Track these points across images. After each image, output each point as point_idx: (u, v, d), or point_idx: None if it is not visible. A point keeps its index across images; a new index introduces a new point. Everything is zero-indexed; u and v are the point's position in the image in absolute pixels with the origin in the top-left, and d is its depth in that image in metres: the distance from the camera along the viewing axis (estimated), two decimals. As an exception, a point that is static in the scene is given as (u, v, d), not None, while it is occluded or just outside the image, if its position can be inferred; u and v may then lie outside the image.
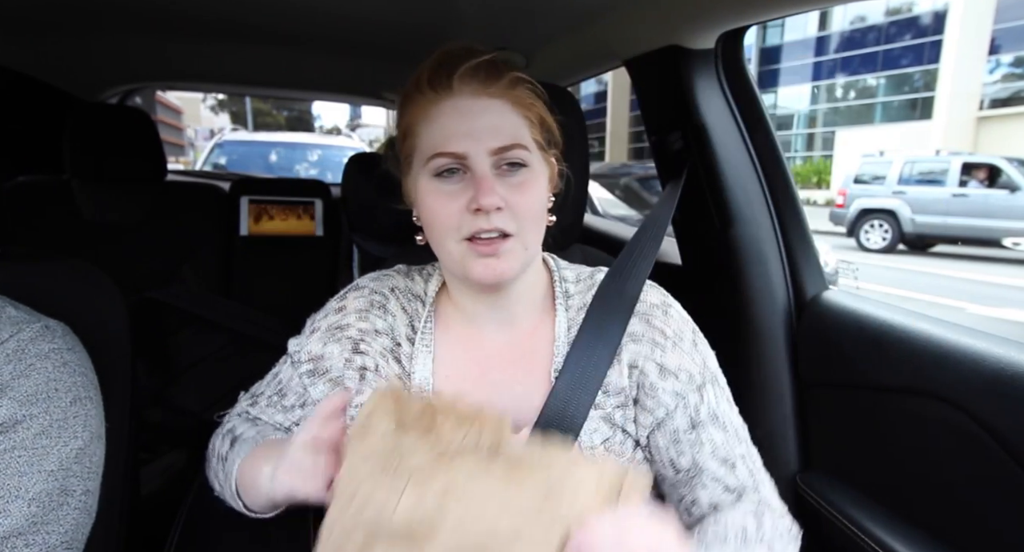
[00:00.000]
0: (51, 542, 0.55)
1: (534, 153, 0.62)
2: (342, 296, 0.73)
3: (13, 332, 0.58)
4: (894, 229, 9.55)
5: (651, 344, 0.67)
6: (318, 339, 0.71)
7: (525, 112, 0.62)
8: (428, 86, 0.60)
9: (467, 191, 0.59)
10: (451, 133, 0.59)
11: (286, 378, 0.73)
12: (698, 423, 0.65)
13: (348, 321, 0.70)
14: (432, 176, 0.61)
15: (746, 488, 0.65)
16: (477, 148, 0.58)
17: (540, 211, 0.63)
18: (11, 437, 0.55)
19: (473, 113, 0.59)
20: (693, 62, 1.03)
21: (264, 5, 1.26)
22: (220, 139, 4.50)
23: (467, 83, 0.59)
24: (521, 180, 0.61)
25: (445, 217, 0.60)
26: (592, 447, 0.65)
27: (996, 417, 0.71)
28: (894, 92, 24.66)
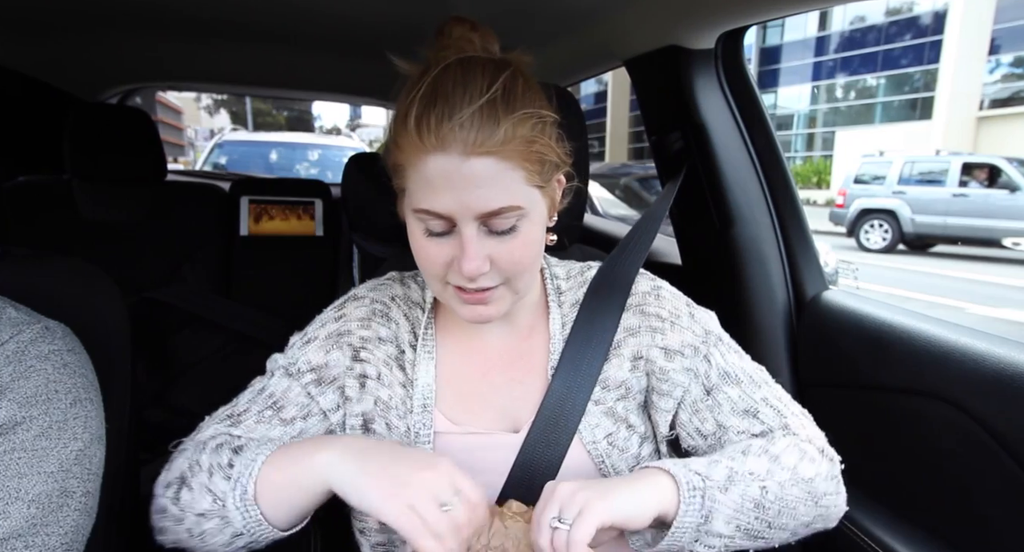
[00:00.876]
0: (51, 544, 0.55)
1: (531, 201, 0.57)
2: (340, 306, 0.72)
3: (13, 333, 0.58)
4: (894, 229, 9.55)
5: (650, 332, 0.68)
6: (318, 348, 0.68)
7: (520, 162, 0.55)
8: (417, 135, 0.53)
9: (453, 248, 0.57)
10: (438, 193, 0.54)
11: (281, 390, 0.67)
12: (712, 387, 0.67)
13: (349, 328, 0.69)
14: (422, 230, 0.58)
15: (773, 428, 0.65)
16: (464, 212, 0.54)
17: (534, 256, 0.60)
18: (11, 439, 0.54)
19: (461, 175, 0.53)
20: (693, 62, 1.03)
21: (264, 5, 1.26)
22: (220, 139, 4.50)
23: (458, 138, 0.52)
24: (512, 236, 0.57)
25: (428, 262, 0.59)
26: (595, 442, 0.66)
27: (996, 417, 0.71)
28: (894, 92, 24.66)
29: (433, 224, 0.56)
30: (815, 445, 0.64)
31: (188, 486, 0.59)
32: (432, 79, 0.54)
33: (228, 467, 0.58)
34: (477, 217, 0.55)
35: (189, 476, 0.60)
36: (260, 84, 2.25)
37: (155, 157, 1.66)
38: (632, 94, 2.23)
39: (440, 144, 0.53)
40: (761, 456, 0.60)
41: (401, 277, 0.75)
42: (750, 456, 0.59)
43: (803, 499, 0.59)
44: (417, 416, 0.66)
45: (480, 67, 0.55)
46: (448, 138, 0.52)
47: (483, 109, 0.53)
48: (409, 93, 0.56)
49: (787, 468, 0.59)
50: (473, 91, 0.53)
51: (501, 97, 0.54)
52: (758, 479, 0.57)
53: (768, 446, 0.61)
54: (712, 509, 0.54)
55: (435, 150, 0.53)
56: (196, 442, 0.64)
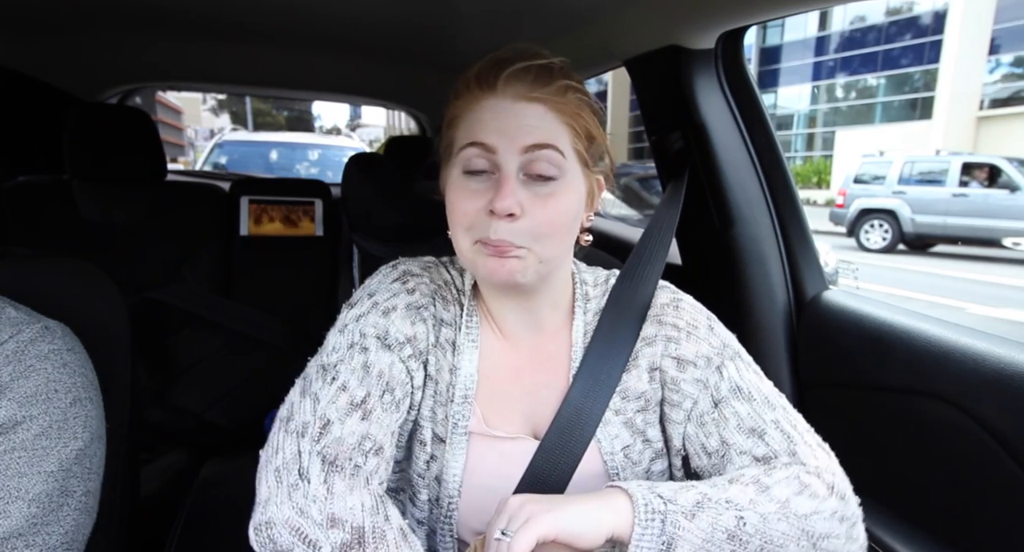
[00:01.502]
0: (51, 543, 0.55)
1: (570, 162, 0.60)
2: (403, 279, 0.68)
3: (13, 333, 0.58)
4: (894, 229, 9.55)
5: (664, 341, 0.68)
6: (403, 318, 0.64)
7: (568, 120, 0.60)
8: (475, 83, 0.60)
9: (489, 192, 0.58)
10: (486, 127, 0.58)
11: (386, 365, 0.60)
12: (720, 400, 0.64)
13: (424, 302, 0.67)
14: (462, 172, 0.60)
15: (779, 453, 0.60)
16: (508, 145, 0.57)
17: (565, 225, 0.61)
18: (11, 438, 0.55)
19: (512, 112, 0.58)
20: (693, 62, 1.03)
21: (264, 5, 1.26)
22: (220, 139, 4.50)
23: (512, 84, 0.58)
24: (548, 192, 0.58)
25: (461, 214, 0.60)
26: (613, 453, 0.65)
27: (996, 417, 0.71)
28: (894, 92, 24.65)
29: (476, 160, 0.59)
30: (823, 480, 0.57)
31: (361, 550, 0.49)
32: (497, 51, 0.61)
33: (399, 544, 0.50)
34: (520, 150, 0.58)
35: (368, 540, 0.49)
36: (260, 84, 2.25)
37: (155, 157, 1.66)
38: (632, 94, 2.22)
39: (495, 90, 0.58)
40: (748, 486, 0.55)
41: (442, 263, 0.74)
42: (735, 485, 0.55)
43: (793, 537, 0.52)
44: (458, 406, 0.65)
45: (543, 52, 0.62)
46: (507, 85, 0.58)
47: (539, 67, 0.59)
48: (474, 66, 0.62)
49: (776, 501, 0.53)
50: (536, 58, 0.60)
51: (558, 67, 0.60)
52: (735, 508, 0.52)
53: (761, 476, 0.56)
54: (675, 536, 0.50)
55: (489, 95, 0.59)
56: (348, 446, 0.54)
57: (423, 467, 0.65)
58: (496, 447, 0.65)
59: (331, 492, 0.50)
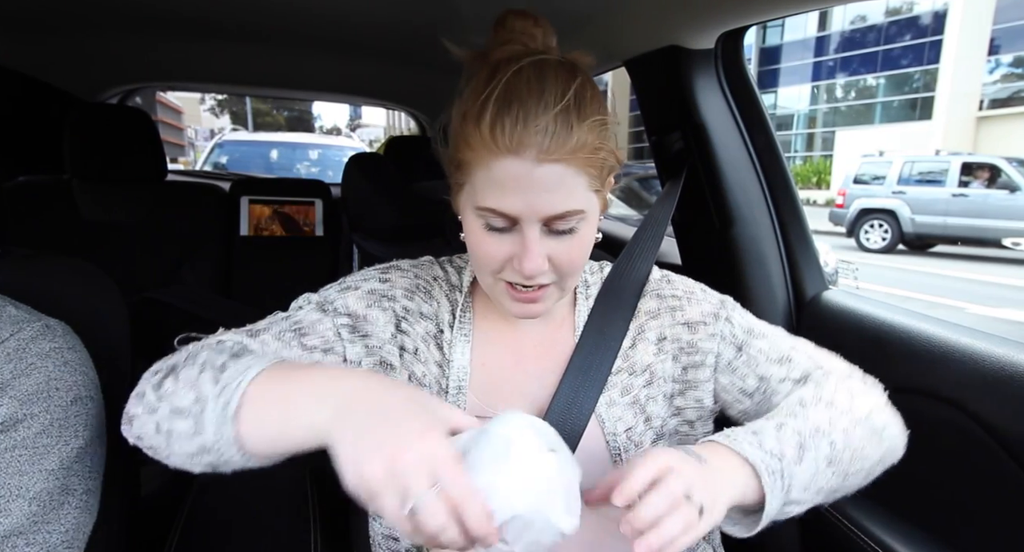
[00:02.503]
0: (52, 541, 0.55)
1: (590, 204, 0.58)
2: (385, 270, 0.71)
3: (14, 331, 0.58)
4: (894, 229, 9.55)
5: (670, 311, 0.71)
6: (358, 298, 0.66)
7: (587, 167, 0.56)
8: (490, 134, 0.54)
9: (513, 246, 0.57)
10: (506, 194, 0.55)
11: (309, 320, 0.64)
12: (741, 344, 0.69)
13: (395, 294, 0.68)
14: (483, 225, 0.58)
15: (810, 371, 0.67)
16: (530, 213, 0.55)
17: (585, 257, 0.61)
18: (12, 436, 0.55)
19: (532, 179, 0.54)
20: (693, 62, 1.03)
21: (264, 6, 1.26)
22: (220, 139, 4.50)
23: (533, 143, 0.53)
24: (571, 236, 0.58)
25: (486, 257, 0.59)
26: (615, 434, 0.67)
27: (996, 417, 0.71)
28: (894, 92, 24.65)
29: (496, 221, 0.57)
30: (855, 378, 0.67)
31: (175, 375, 0.54)
32: (506, 81, 0.54)
33: (220, 369, 0.52)
34: (541, 219, 0.56)
35: (180, 366, 0.55)
36: (260, 84, 2.25)
37: (155, 157, 1.66)
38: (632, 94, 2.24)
39: (514, 148, 0.53)
40: (818, 406, 0.60)
41: (438, 261, 0.75)
42: (809, 409, 0.59)
43: (868, 438, 0.60)
44: (452, 397, 0.66)
45: (553, 72, 0.56)
46: (523, 143, 0.53)
47: (558, 116, 0.53)
48: (480, 93, 0.55)
49: (844, 412, 0.60)
50: (548, 97, 0.54)
51: (574, 103, 0.55)
52: (824, 434, 0.57)
53: (820, 393, 0.62)
54: (791, 485, 0.54)
55: (508, 153, 0.54)
56: (204, 340, 0.61)
57: None
58: None
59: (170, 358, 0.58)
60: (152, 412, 0.53)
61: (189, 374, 0.53)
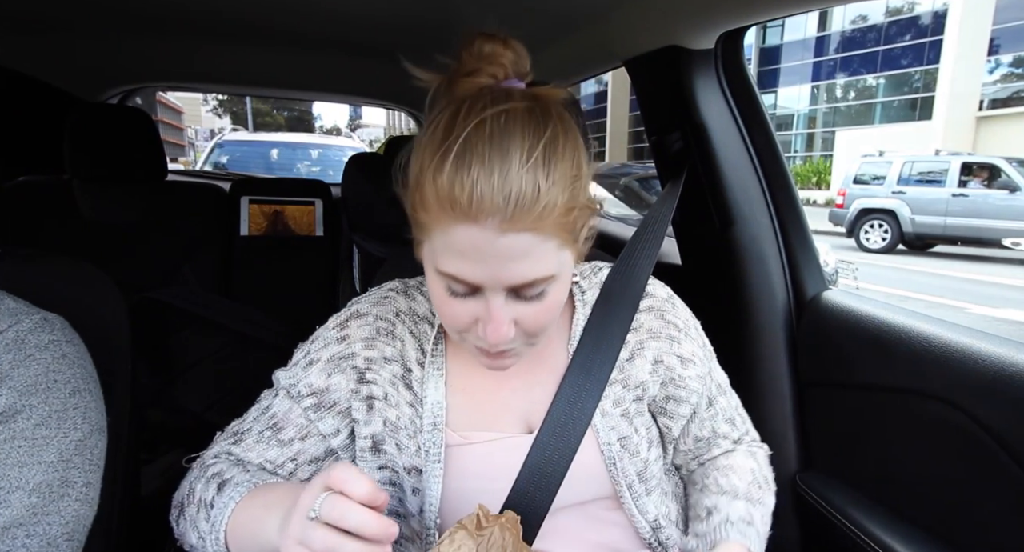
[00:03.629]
0: (52, 533, 0.55)
1: (561, 265, 0.54)
2: (342, 325, 0.68)
3: (12, 322, 0.58)
4: (894, 229, 9.55)
5: (669, 339, 0.70)
6: (320, 371, 0.66)
7: (558, 231, 0.51)
8: (447, 196, 0.48)
9: (478, 309, 0.54)
10: (466, 262, 0.50)
11: (282, 411, 0.67)
12: (712, 398, 0.74)
13: (353, 350, 0.66)
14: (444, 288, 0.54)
15: (743, 434, 0.77)
16: (494, 283, 0.51)
17: (556, 314, 0.58)
18: (11, 427, 0.55)
19: (494, 250, 0.49)
20: (693, 62, 1.03)
21: (265, 5, 1.26)
22: (220, 139, 4.50)
23: (495, 212, 0.47)
24: (539, 302, 0.54)
25: (450, 318, 0.57)
26: (610, 444, 0.66)
27: (996, 417, 0.71)
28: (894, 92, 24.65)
29: (458, 287, 0.53)
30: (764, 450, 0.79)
31: (184, 515, 0.64)
32: (465, 136, 0.48)
33: (209, 507, 0.60)
34: (506, 288, 0.52)
35: (185, 504, 0.64)
36: (261, 84, 2.25)
37: (155, 157, 1.66)
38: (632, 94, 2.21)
39: (474, 216, 0.47)
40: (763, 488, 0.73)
41: (405, 288, 0.72)
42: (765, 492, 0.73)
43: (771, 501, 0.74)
44: (427, 434, 0.64)
45: (520, 124, 0.49)
46: (482, 210, 0.47)
47: (523, 177, 0.47)
48: (439, 143, 0.49)
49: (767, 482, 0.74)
50: (513, 156, 0.47)
51: (543, 161, 0.48)
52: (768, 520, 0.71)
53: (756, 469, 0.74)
54: None
55: (467, 220, 0.48)
56: (201, 462, 0.68)
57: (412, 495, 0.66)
58: (485, 449, 0.65)
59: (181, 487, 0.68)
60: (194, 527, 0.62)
61: (190, 514, 0.62)
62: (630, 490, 0.67)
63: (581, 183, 0.52)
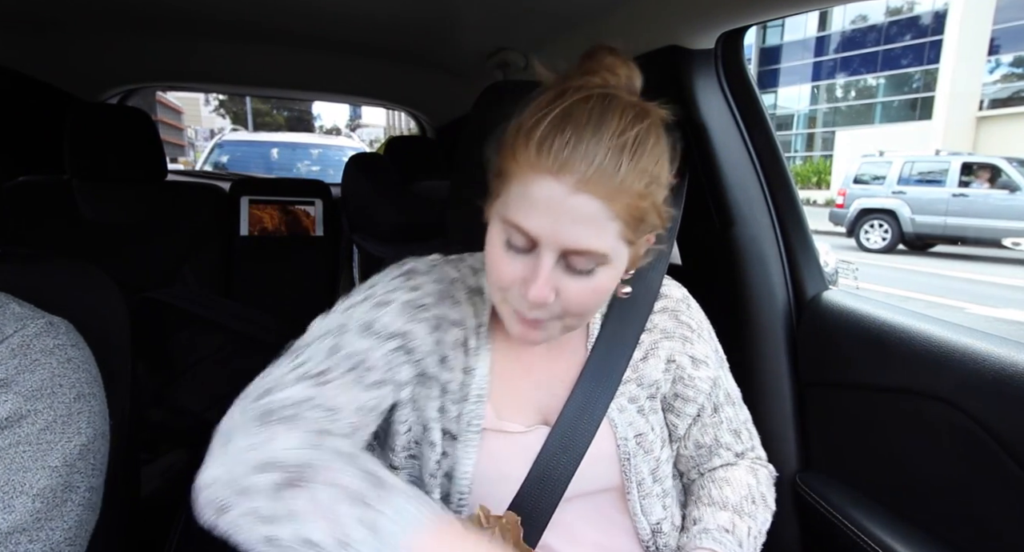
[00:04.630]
0: (55, 538, 0.55)
1: (613, 252, 0.56)
2: (408, 275, 0.66)
3: (18, 327, 0.58)
4: (894, 229, 9.55)
5: (682, 339, 0.72)
6: (397, 313, 0.62)
7: (625, 214, 0.53)
8: (536, 149, 0.52)
9: (526, 269, 0.56)
10: (534, 213, 0.53)
11: (362, 349, 0.59)
12: (719, 405, 0.73)
13: (427, 302, 0.64)
14: (503, 240, 0.57)
15: (747, 449, 0.76)
16: (550, 240, 0.53)
17: (598, 302, 0.59)
18: (16, 432, 0.55)
19: (564, 205, 0.52)
20: (693, 62, 1.03)
21: (264, 5, 1.26)
22: (220, 139, 4.50)
23: (575, 169, 0.51)
24: (587, 276, 0.56)
25: (496, 276, 0.58)
26: (626, 439, 0.67)
27: (996, 417, 0.71)
28: (894, 92, 24.66)
29: (517, 239, 0.55)
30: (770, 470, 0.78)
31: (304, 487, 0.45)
32: (568, 104, 0.53)
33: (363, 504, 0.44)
34: (560, 248, 0.54)
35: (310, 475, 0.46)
36: (260, 84, 2.26)
37: (155, 157, 1.66)
38: (632, 94, 2.21)
39: (555, 169, 0.51)
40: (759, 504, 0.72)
41: (448, 261, 0.72)
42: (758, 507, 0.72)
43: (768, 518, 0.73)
44: (472, 405, 0.65)
45: (620, 109, 0.54)
46: (566, 167, 0.51)
47: (609, 150, 0.51)
48: (540, 108, 0.54)
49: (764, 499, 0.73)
50: (606, 130, 0.52)
51: (630, 145, 0.52)
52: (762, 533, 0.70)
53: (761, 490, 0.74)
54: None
55: (548, 173, 0.52)
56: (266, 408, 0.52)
57: (434, 466, 0.65)
58: (508, 440, 0.66)
59: (266, 438, 0.48)
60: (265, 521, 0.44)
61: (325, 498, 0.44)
62: (639, 487, 0.68)
63: (658, 188, 0.56)
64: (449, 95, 2.02)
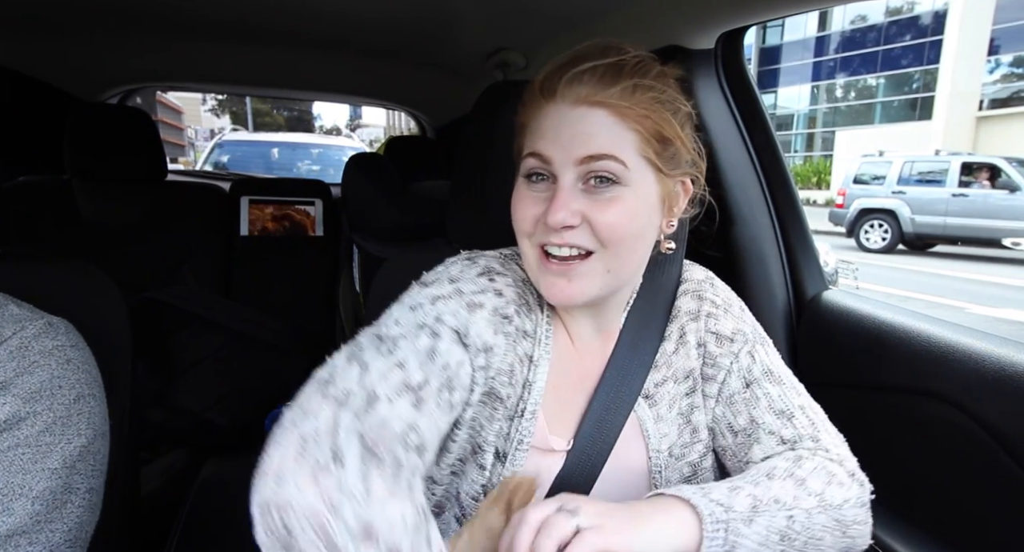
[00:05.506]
0: (55, 540, 0.55)
1: (635, 170, 0.55)
2: (488, 274, 0.61)
3: (16, 329, 0.58)
4: (894, 229, 9.55)
5: (706, 317, 0.68)
6: (487, 322, 0.57)
7: (633, 124, 0.54)
8: (539, 88, 0.57)
9: (548, 201, 0.56)
10: (544, 136, 0.56)
11: (455, 362, 0.54)
12: (752, 381, 0.65)
13: (510, 313, 0.59)
14: (524, 177, 0.59)
15: (803, 437, 0.61)
16: (564, 156, 0.54)
17: (631, 233, 0.57)
18: (15, 434, 0.55)
19: (569, 120, 0.54)
20: (693, 62, 1.03)
21: (264, 5, 1.26)
22: (220, 139, 4.50)
23: (573, 88, 0.54)
24: (610, 196, 0.55)
25: (521, 220, 0.58)
26: (659, 451, 0.64)
27: (996, 417, 0.71)
28: (894, 92, 24.65)
29: (534, 166, 0.57)
30: (846, 468, 0.60)
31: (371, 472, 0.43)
32: (575, 50, 0.57)
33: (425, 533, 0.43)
34: (576, 161, 0.55)
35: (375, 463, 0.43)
36: (261, 84, 2.26)
37: (155, 157, 1.66)
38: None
39: (554, 97, 0.55)
40: (787, 480, 0.55)
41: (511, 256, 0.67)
42: (775, 480, 0.55)
43: (831, 528, 0.55)
44: (526, 422, 0.60)
45: (622, 47, 0.57)
46: (565, 90, 0.55)
47: (606, 67, 0.54)
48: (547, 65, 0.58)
49: (815, 494, 0.55)
50: (604, 56, 0.55)
51: (630, 65, 0.55)
52: (784, 508, 0.53)
53: (794, 469, 0.57)
54: (735, 543, 0.50)
55: (551, 101, 0.55)
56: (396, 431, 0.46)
57: (479, 490, 0.60)
58: (549, 457, 0.62)
59: (369, 492, 0.41)
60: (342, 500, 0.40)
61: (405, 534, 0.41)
62: None
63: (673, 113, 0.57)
64: (449, 95, 2.02)
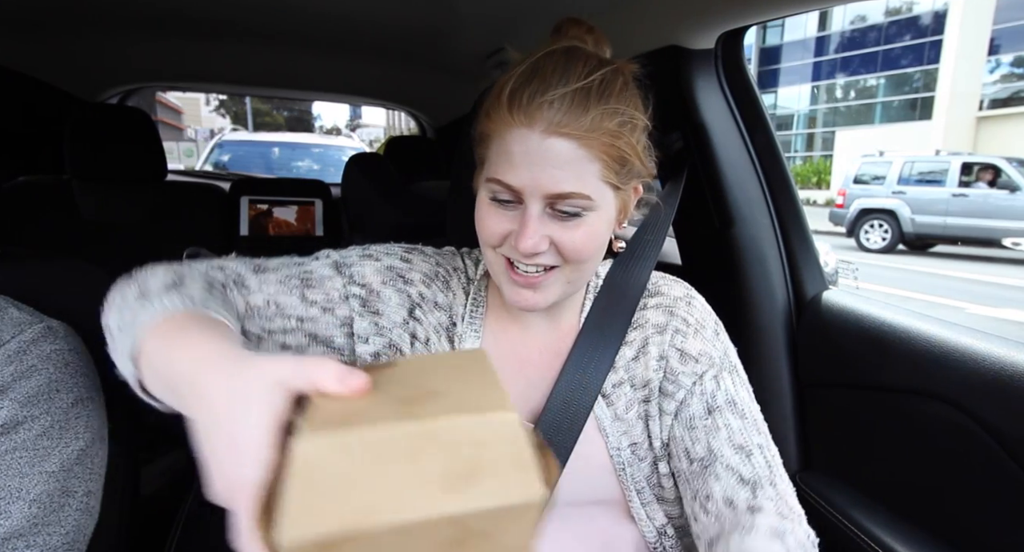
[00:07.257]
0: (52, 543, 0.55)
1: (599, 195, 0.57)
2: (409, 250, 0.70)
3: (15, 333, 0.58)
4: (894, 229, 9.55)
5: (673, 332, 0.67)
6: (375, 271, 0.65)
7: (599, 153, 0.55)
8: (507, 106, 0.55)
9: (514, 223, 0.57)
10: (513, 164, 0.55)
11: (322, 275, 0.64)
12: (714, 408, 0.63)
13: (413, 277, 0.67)
14: (489, 197, 0.59)
15: (761, 479, 0.60)
16: (533, 188, 0.55)
17: (595, 248, 0.60)
18: (12, 438, 0.55)
19: (539, 152, 0.54)
20: (693, 62, 1.03)
21: (264, 5, 1.26)
22: (220, 139, 4.50)
23: (543, 114, 0.53)
24: (576, 222, 0.57)
25: (489, 235, 0.59)
26: (620, 449, 0.65)
27: (996, 417, 0.71)
28: (894, 92, 24.66)
29: (501, 193, 0.57)
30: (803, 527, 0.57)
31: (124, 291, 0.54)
32: (535, 60, 0.56)
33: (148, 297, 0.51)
34: (544, 196, 0.55)
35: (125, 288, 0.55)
36: (260, 84, 2.26)
37: (155, 157, 1.66)
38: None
39: (526, 119, 0.54)
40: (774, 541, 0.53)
41: (460, 252, 0.74)
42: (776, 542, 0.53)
43: None
44: None
45: (583, 58, 0.56)
46: (535, 114, 0.54)
47: (575, 93, 0.54)
48: (511, 71, 0.57)
49: None
50: (570, 76, 0.55)
51: (596, 87, 0.55)
52: None
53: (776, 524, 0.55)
54: None
55: (520, 124, 0.54)
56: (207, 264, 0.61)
57: None
58: None
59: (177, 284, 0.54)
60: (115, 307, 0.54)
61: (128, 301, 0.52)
62: (640, 495, 0.66)
63: (633, 129, 0.57)
64: (449, 95, 2.02)
